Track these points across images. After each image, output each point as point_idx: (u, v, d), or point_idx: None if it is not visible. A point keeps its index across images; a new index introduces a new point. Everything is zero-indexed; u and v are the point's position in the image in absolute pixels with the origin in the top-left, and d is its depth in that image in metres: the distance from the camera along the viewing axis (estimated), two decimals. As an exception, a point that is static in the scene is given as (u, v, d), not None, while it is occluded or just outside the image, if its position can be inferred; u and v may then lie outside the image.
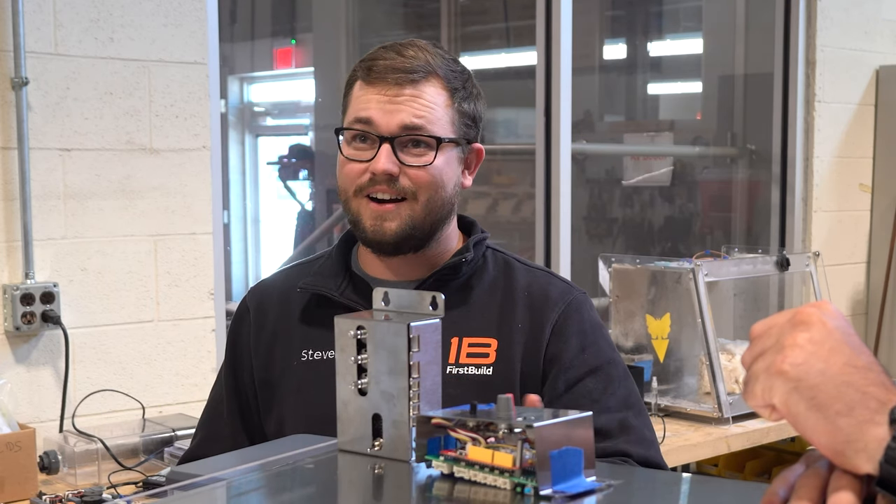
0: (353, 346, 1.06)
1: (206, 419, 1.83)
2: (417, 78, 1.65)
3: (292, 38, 7.06)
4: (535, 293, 1.70)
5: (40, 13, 2.50)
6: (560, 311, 1.68)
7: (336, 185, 1.71)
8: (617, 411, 1.64)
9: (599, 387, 1.66)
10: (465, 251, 1.71)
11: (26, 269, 2.50)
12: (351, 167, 1.65)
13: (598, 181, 4.88)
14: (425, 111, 1.64)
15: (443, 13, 5.25)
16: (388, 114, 1.63)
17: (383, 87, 1.64)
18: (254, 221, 7.05)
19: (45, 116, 2.52)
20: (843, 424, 0.76)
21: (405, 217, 1.64)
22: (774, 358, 0.80)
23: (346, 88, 1.72)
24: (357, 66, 1.70)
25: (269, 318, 1.76)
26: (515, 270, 1.74)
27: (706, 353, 3.10)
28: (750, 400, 0.83)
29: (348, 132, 1.66)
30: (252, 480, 1.02)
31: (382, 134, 1.63)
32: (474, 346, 1.66)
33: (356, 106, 1.66)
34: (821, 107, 4.20)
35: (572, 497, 0.90)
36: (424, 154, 1.64)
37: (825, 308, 0.82)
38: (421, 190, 1.64)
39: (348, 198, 1.67)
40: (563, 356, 1.66)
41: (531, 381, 1.65)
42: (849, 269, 4.35)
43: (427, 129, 1.64)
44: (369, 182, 1.63)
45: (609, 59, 5.57)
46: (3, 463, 2.19)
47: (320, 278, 1.74)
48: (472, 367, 1.64)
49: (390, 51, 1.68)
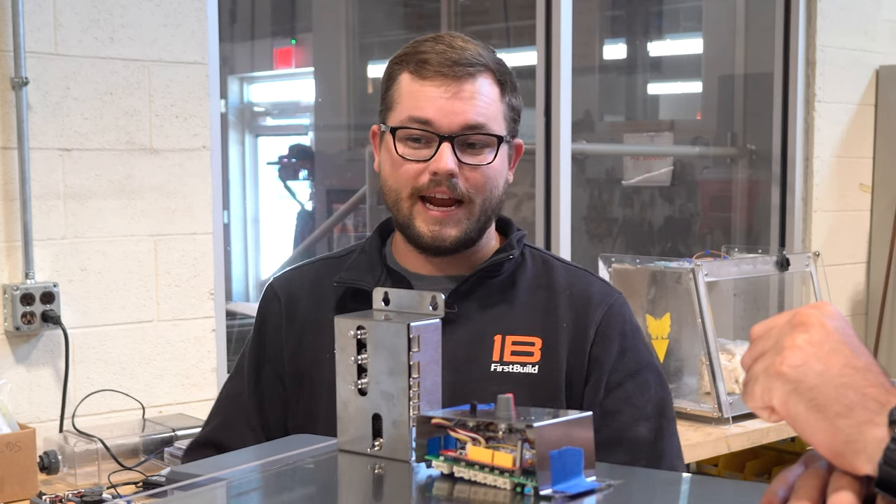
0: (353, 346, 1.06)
1: (222, 406, 1.77)
2: (474, 72, 1.58)
3: (292, 38, 7.06)
4: (577, 293, 1.67)
5: (40, 13, 2.50)
6: (603, 312, 1.65)
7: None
8: (653, 418, 1.63)
9: (637, 391, 1.63)
10: (510, 248, 1.67)
11: (26, 269, 2.50)
12: (407, 168, 1.58)
13: (598, 181, 4.88)
14: (485, 108, 1.58)
15: (443, 13, 5.25)
16: (449, 113, 1.57)
17: (440, 81, 1.57)
18: (254, 221, 7.05)
19: (45, 116, 2.52)
20: (842, 425, 0.76)
21: (463, 222, 1.60)
22: (773, 359, 0.80)
23: (387, 82, 1.64)
24: (400, 58, 1.63)
25: (300, 309, 1.70)
26: (555, 269, 1.70)
27: (706, 353, 3.10)
28: (749, 401, 0.83)
29: (402, 131, 1.59)
30: (252, 480, 1.02)
31: (443, 133, 1.56)
32: (518, 345, 1.62)
33: (410, 103, 1.59)
34: (821, 107, 4.20)
35: (572, 497, 0.90)
36: (482, 153, 1.59)
37: (825, 309, 0.82)
38: (477, 193, 1.59)
39: (400, 198, 1.60)
40: (605, 359, 1.63)
41: (576, 380, 1.62)
42: (849, 269, 4.35)
43: (487, 128, 1.58)
44: (429, 183, 1.57)
45: (609, 59, 5.57)
46: (3, 463, 2.19)
47: (356, 272, 1.68)
48: (518, 365, 1.61)
49: (438, 42, 1.60)
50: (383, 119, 1.64)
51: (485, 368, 1.61)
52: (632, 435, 1.61)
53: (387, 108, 1.63)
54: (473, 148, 1.58)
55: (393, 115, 1.61)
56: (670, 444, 1.65)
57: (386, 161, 1.62)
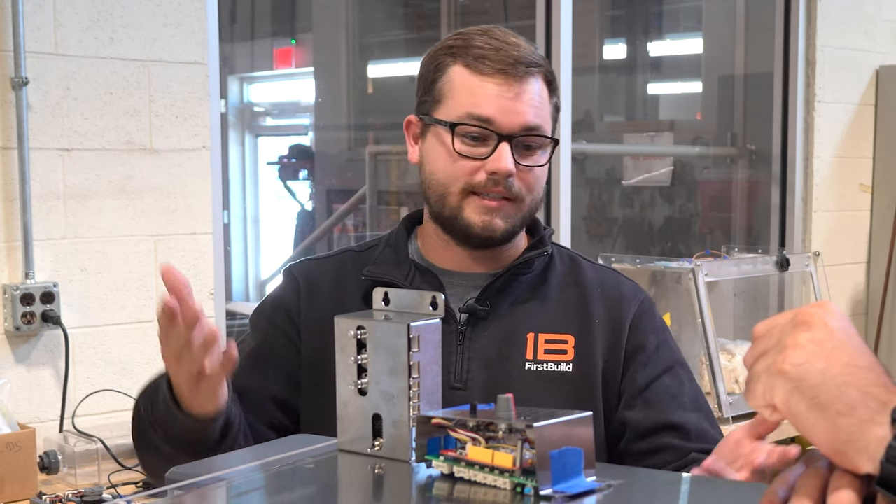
0: (353, 346, 1.06)
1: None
2: (534, 72, 1.57)
3: (292, 38, 7.07)
4: (609, 289, 1.66)
5: (40, 13, 2.50)
6: (636, 307, 1.65)
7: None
8: (693, 411, 1.63)
9: (675, 384, 1.63)
10: (541, 245, 1.66)
11: (26, 269, 2.50)
12: (463, 164, 1.56)
13: (598, 181, 4.88)
14: (541, 110, 1.57)
15: (443, 13, 5.25)
16: (510, 112, 1.55)
17: (502, 80, 1.55)
18: (254, 221, 7.05)
19: (45, 116, 2.52)
20: (843, 424, 0.76)
21: (512, 216, 1.58)
22: (776, 358, 0.80)
23: (433, 72, 1.60)
24: (450, 50, 1.59)
25: (321, 299, 1.65)
26: (583, 266, 1.69)
27: (706, 353, 3.10)
28: (751, 400, 0.83)
29: (461, 127, 1.56)
30: (252, 480, 1.02)
31: (503, 132, 1.55)
32: (552, 343, 1.61)
33: (468, 98, 1.56)
34: (821, 107, 4.20)
35: (572, 497, 0.90)
36: (536, 154, 1.58)
37: (827, 308, 0.82)
38: (528, 192, 1.59)
39: (449, 192, 1.58)
40: (642, 352, 1.63)
41: (612, 377, 1.61)
42: (849, 269, 4.35)
43: (543, 129, 1.57)
44: (486, 182, 1.55)
45: (609, 59, 5.57)
46: (3, 463, 2.19)
47: (384, 267, 1.64)
48: (552, 364, 1.59)
49: (490, 37, 1.58)
50: (427, 110, 1.61)
51: (520, 367, 1.59)
52: (678, 419, 1.60)
53: (434, 100, 1.60)
54: (528, 149, 1.57)
55: (444, 108, 1.58)
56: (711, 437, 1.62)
57: (437, 154, 1.59)
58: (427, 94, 1.61)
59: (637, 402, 1.61)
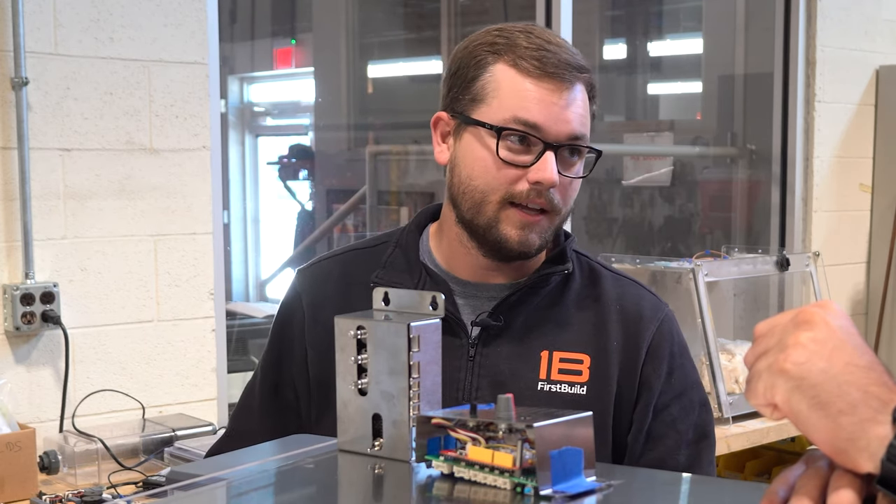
0: (353, 346, 1.05)
1: (236, 412, 1.69)
2: (580, 77, 1.48)
3: (292, 38, 7.07)
4: (628, 307, 1.58)
5: (40, 13, 2.50)
6: (654, 329, 1.57)
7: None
8: (694, 443, 1.57)
9: (682, 414, 1.57)
10: (563, 260, 1.57)
11: (26, 269, 2.50)
12: (507, 172, 1.47)
13: (598, 181, 4.88)
14: (586, 119, 1.49)
15: (443, 13, 5.25)
16: (560, 121, 1.46)
17: (554, 85, 1.46)
18: (254, 221, 7.06)
19: (45, 116, 2.52)
20: (844, 423, 0.76)
21: (547, 230, 1.51)
22: (777, 357, 0.80)
23: (473, 69, 1.50)
24: (493, 46, 1.50)
25: (326, 311, 1.52)
26: (603, 278, 1.60)
27: (706, 353, 3.10)
28: (752, 398, 0.83)
29: (507, 131, 1.46)
30: (252, 480, 1.02)
31: (550, 141, 1.46)
32: (566, 362, 1.53)
33: (515, 102, 1.47)
34: (821, 107, 4.20)
35: (572, 497, 0.90)
36: (575, 165, 1.51)
37: (828, 308, 0.82)
38: (564, 205, 1.51)
39: (487, 201, 1.48)
40: (654, 381, 1.55)
41: (625, 403, 1.54)
42: (849, 269, 4.35)
43: (587, 139, 1.50)
44: (528, 192, 1.47)
45: (609, 59, 5.57)
46: (3, 463, 2.19)
47: (393, 272, 1.57)
48: (566, 385, 1.52)
49: (536, 36, 1.49)
50: (463, 109, 1.51)
51: (532, 387, 1.52)
52: (672, 463, 1.55)
53: (475, 100, 1.50)
54: (570, 159, 1.50)
55: (487, 109, 1.49)
56: (706, 472, 1.59)
57: (475, 158, 1.49)
58: (464, 92, 1.51)
59: (641, 437, 1.55)
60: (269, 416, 1.63)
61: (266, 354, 1.66)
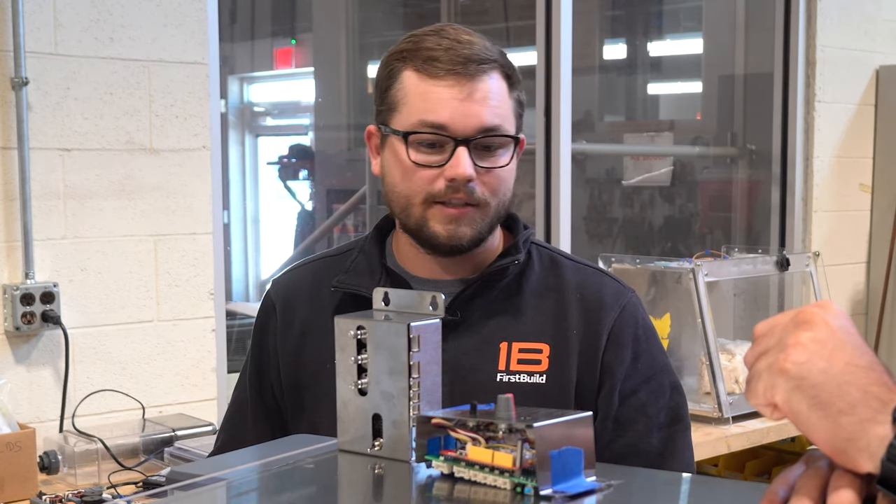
0: (353, 346, 1.05)
1: (229, 421, 1.72)
2: (487, 69, 1.49)
3: (292, 38, 7.07)
4: (589, 294, 1.58)
5: (40, 13, 2.50)
6: (616, 315, 1.57)
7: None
8: (666, 426, 1.57)
9: (652, 398, 1.57)
10: (515, 251, 1.58)
11: (26, 269, 2.50)
12: (422, 174, 1.50)
13: (598, 181, 4.89)
14: (499, 108, 1.50)
15: (443, 13, 5.25)
16: (464, 116, 1.48)
17: (453, 81, 1.48)
18: (254, 221, 7.06)
19: (45, 116, 2.52)
20: (844, 423, 0.76)
21: (478, 222, 1.52)
22: (777, 356, 0.80)
23: (386, 79, 1.54)
24: (401, 54, 1.53)
25: (297, 317, 1.63)
26: (564, 268, 1.61)
27: (706, 353, 3.10)
28: (752, 398, 0.83)
29: (414, 136, 1.50)
30: (252, 480, 1.02)
31: (458, 137, 1.48)
32: (525, 352, 1.54)
33: (420, 105, 1.50)
34: (821, 107, 4.20)
35: (572, 497, 0.90)
36: (496, 155, 1.52)
37: (828, 308, 0.82)
38: (493, 196, 1.52)
39: (412, 204, 1.52)
40: (617, 367, 1.55)
41: (587, 391, 1.54)
42: (849, 269, 4.35)
43: (502, 129, 1.51)
44: (446, 190, 1.49)
45: (609, 59, 5.57)
46: (3, 463, 2.19)
47: (354, 276, 1.60)
48: (524, 375, 1.53)
49: (442, 37, 1.51)
50: (384, 120, 1.55)
51: (491, 378, 1.53)
52: (645, 447, 1.55)
53: (389, 109, 1.54)
54: (489, 150, 1.51)
55: (399, 117, 1.52)
56: (682, 456, 1.59)
57: (394, 166, 1.54)
58: (382, 103, 1.56)
59: (609, 424, 1.55)
60: (259, 423, 1.67)
61: (248, 364, 1.70)
